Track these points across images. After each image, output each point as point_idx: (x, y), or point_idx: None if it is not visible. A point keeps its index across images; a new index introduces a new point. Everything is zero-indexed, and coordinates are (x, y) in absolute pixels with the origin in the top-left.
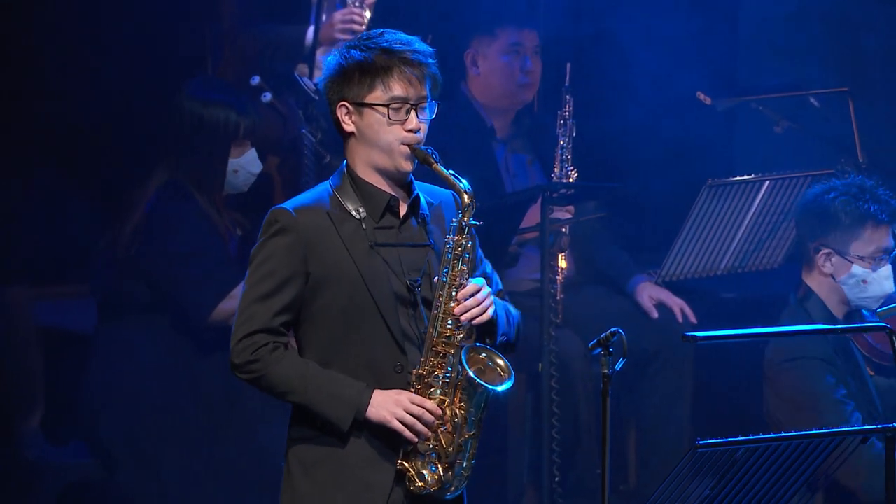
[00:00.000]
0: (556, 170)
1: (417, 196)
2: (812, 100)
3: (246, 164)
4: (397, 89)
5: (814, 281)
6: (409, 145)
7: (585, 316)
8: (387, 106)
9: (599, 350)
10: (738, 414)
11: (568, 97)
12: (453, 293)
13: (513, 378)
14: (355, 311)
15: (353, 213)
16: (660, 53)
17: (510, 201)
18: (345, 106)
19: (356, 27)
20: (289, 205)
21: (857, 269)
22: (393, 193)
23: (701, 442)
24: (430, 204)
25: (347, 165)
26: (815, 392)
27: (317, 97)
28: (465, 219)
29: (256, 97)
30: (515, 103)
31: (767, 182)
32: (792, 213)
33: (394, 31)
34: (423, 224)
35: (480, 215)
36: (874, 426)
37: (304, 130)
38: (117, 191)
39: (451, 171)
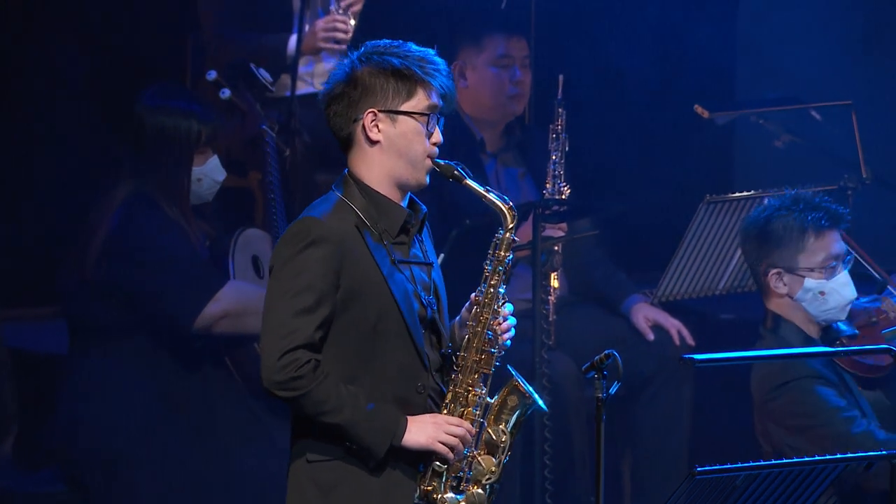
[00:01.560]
0: (548, 185)
1: (426, 214)
2: (814, 113)
3: (209, 171)
4: (435, 98)
5: (775, 305)
6: (432, 159)
7: (579, 338)
8: (426, 115)
9: (593, 373)
10: (737, 440)
11: (560, 110)
12: (496, 309)
13: (539, 397)
14: (385, 329)
15: (372, 225)
16: (656, 65)
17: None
18: (373, 113)
19: (340, 35)
20: (316, 214)
21: (809, 282)
22: (407, 209)
23: (699, 469)
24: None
25: (353, 176)
26: (816, 408)
27: (273, 89)
28: (507, 235)
29: (215, 95)
30: (505, 115)
31: (767, 198)
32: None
33: (405, 42)
34: (421, 240)
35: (468, 232)
36: (878, 453)
37: (263, 126)
38: (82, 206)
39: (487, 187)
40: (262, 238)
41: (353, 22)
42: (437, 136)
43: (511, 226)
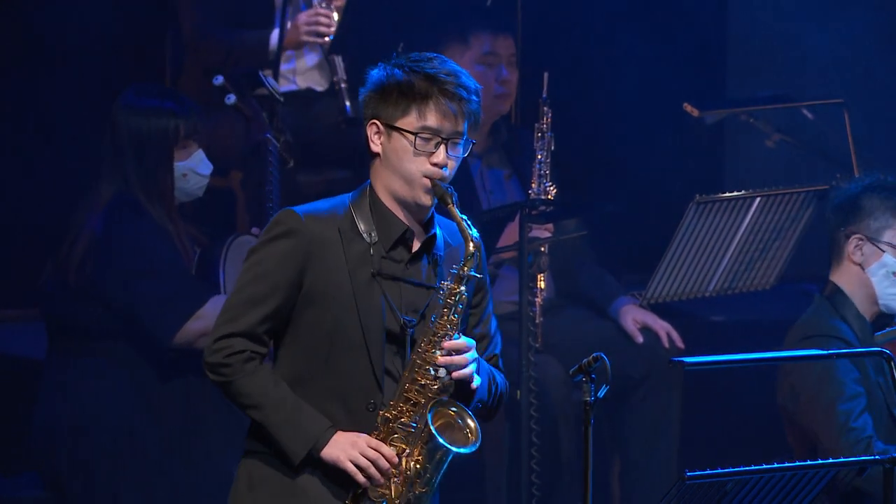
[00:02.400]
0: (533, 186)
1: (434, 235)
2: (805, 112)
3: (194, 166)
4: (431, 120)
5: (842, 276)
6: (430, 179)
7: (566, 340)
8: (415, 134)
9: (581, 376)
10: (728, 444)
11: (546, 108)
12: (438, 341)
13: (478, 443)
14: (340, 337)
15: (365, 235)
16: (644, 62)
17: (486, 219)
18: (376, 124)
19: (322, 29)
20: (300, 209)
21: (888, 258)
22: (409, 225)
23: (689, 473)
24: (447, 244)
25: (370, 184)
26: (824, 371)
27: (282, 99)
28: (466, 269)
29: (219, 100)
30: (491, 115)
31: (759, 199)
32: (826, 211)
33: (444, 58)
34: (433, 265)
35: (483, 223)
36: (871, 457)
37: (268, 135)
38: (64, 208)
39: (464, 216)
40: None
41: (336, 16)
42: (439, 157)
43: (470, 258)
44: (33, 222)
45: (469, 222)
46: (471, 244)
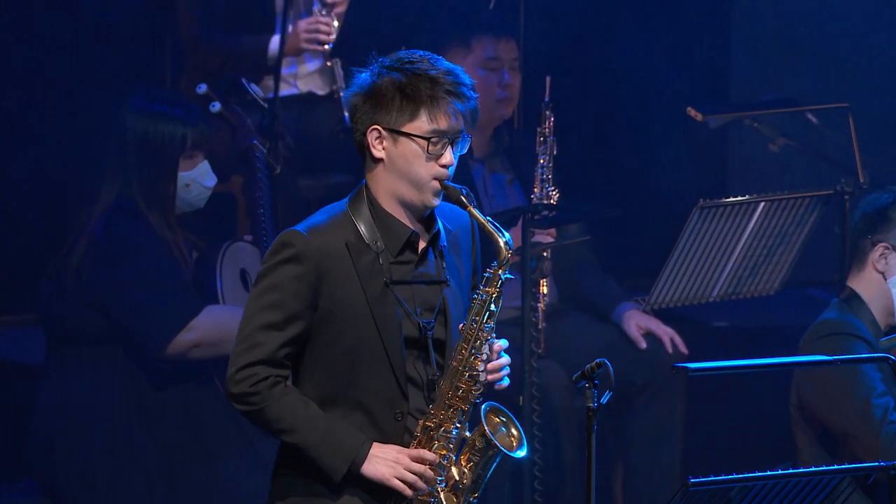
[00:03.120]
0: (536, 190)
1: (439, 231)
2: (810, 116)
3: (198, 177)
4: (441, 122)
5: (861, 283)
6: (440, 181)
7: (569, 346)
8: (427, 139)
9: (584, 382)
10: (732, 450)
11: (548, 113)
12: (478, 347)
13: (526, 447)
14: (362, 352)
15: (371, 244)
16: (648, 66)
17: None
18: (377, 130)
19: (322, 37)
20: (302, 228)
21: None
22: (414, 228)
23: (693, 480)
24: (448, 231)
25: (367, 188)
26: (858, 371)
27: (266, 105)
28: (501, 271)
29: (205, 106)
30: (493, 119)
31: (763, 203)
32: (853, 219)
33: (435, 56)
34: (440, 257)
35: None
36: (876, 464)
37: (254, 141)
38: (64, 212)
39: (489, 218)
40: (250, 251)
41: (336, 23)
42: (447, 158)
43: (504, 262)
44: (32, 226)
45: (495, 224)
46: (504, 249)
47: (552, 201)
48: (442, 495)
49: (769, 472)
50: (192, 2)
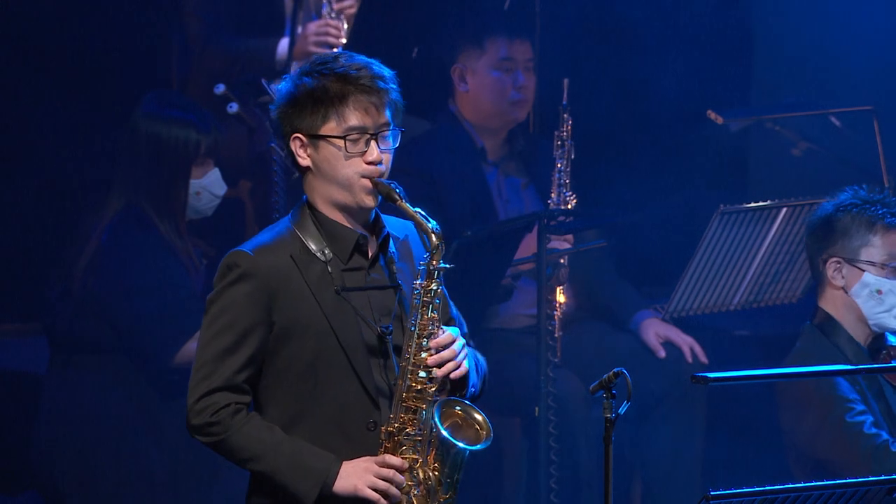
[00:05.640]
0: (553, 195)
1: (388, 235)
2: (833, 119)
3: (209, 185)
4: (353, 119)
5: (828, 302)
6: (370, 179)
7: (586, 355)
8: (343, 138)
9: (601, 392)
10: (753, 462)
11: (566, 116)
12: (424, 342)
13: (491, 437)
14: (324, 365)
15: (319, 254)
16: (667, 68)
17: (503, 229)
18: (299, 138)
19: (332, 40)
20: (247, 247)
21: (868, 276)
22: (360, 231)
23: (713, 493)
24: (395, 239)
25: (308, 201)
26: (823, 390)
27: None
28: (434, 262)
29: (221, 109)
30: (507, 122)
31: (785, 209)
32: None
33: (350, 53)
34: (390, 263)
35: (472, 244)
36: None
37: (272, 144)
38: (71, 218)
39: (418, 209)
40: None
41: (345, 25)
42: (372, 155)
43: (436, 250)
44: (35, 233)
45: (424, 214)
46: (433, 236)
47: (569, 206)
48: (415, 500)
49: (791, 486)
50: (198, 4)
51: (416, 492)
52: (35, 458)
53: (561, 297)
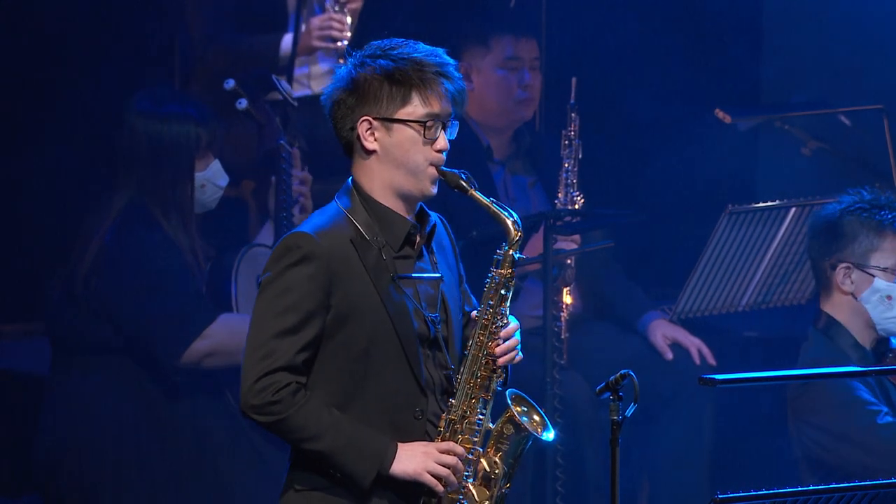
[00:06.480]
0: (560, 195)
1: (435, 225)
2: (843, 118)
3: (212, 176)
4: (434, 105)
5: (834, 306)
6: (436, 167)
7: (593, 357)
8: (423, 123)
9: (608, 394)
10: (761, 464)
11: (573, 115)
12: (495, 332)
13: (552, 430)
14: (377, 351)
15: (372, 240)
16: (675, 67)
17: None
18: (368, 121)
19: (336, 34)
20: (307, 228)
21: (879, 282)
22: (411, 220)
23: (721, 496)
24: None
25: (357, 185)
26: (842, 399)
27: (296, 104)
28: (511, 251)
29: (230, 105)
30: (513, 121)
31: (794, 209)
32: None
33: (411, 41)
34: (432, 252)
35: (475, 244)
36: None
37: (282, 141)
38: (74, 217)
39: (493, 199)
40: (267, 257)
41: (349, 20)
42: (441, 143)
43: (515, 241)
44: (37, 233)
45: (500, 204)
46: (513, 228)
47: (577, 206)
48: (473, 490)
49: (800, 488)
50: (201, 1)
51: (471, 482)
52: (37, 460)
53: (567, 298)
